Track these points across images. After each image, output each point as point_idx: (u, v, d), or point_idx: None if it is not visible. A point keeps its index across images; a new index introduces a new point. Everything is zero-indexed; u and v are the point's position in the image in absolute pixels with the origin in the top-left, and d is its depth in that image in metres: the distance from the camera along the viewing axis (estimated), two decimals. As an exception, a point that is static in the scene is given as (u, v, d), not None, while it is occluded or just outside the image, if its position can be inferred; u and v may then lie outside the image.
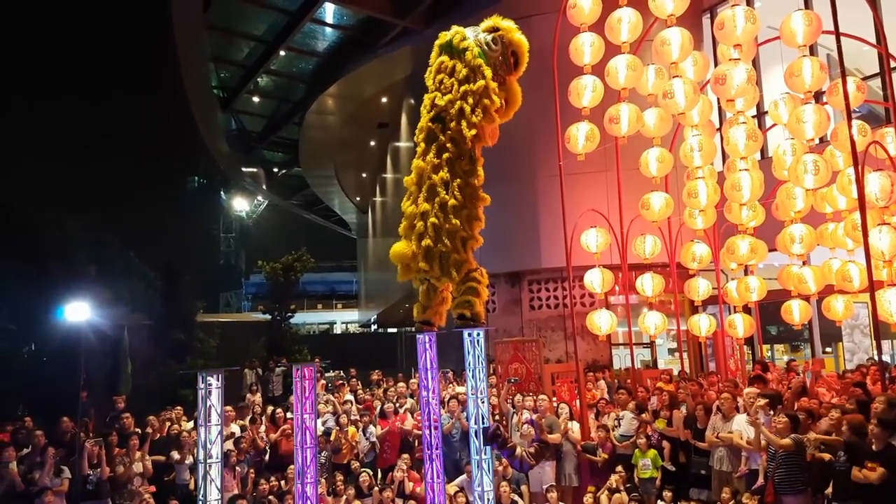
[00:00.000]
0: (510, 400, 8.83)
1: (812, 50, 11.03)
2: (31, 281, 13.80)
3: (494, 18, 5.45)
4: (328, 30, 18.58)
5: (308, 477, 5.22)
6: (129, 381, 14.54)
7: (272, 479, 8.14)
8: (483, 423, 5.36)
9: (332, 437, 8.89)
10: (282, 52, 18.99)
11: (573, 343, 10.11)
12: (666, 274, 10.65)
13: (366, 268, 33.33)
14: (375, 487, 7.82)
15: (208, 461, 4.99)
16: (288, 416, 9.17)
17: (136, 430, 8.33)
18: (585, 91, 8.61)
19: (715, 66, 9.94)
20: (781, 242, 8.95)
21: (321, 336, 35.70)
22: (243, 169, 30.05)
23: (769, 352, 14.19)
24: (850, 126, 6.77)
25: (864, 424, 5.39)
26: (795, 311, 9.25)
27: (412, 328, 5.87)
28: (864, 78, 11.08)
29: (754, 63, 12.80)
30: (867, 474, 5.09)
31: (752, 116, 10.81)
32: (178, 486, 8.09)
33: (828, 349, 12.81)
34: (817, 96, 9.86)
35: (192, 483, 7.91)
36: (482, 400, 5.40)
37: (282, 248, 21.44)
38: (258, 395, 11.80)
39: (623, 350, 13.70)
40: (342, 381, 11.84)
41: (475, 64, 5.21)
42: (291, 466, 7.23)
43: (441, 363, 8.04)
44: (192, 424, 8.77)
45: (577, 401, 8.99)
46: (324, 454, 8.44)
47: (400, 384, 10.98)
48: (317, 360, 15.27)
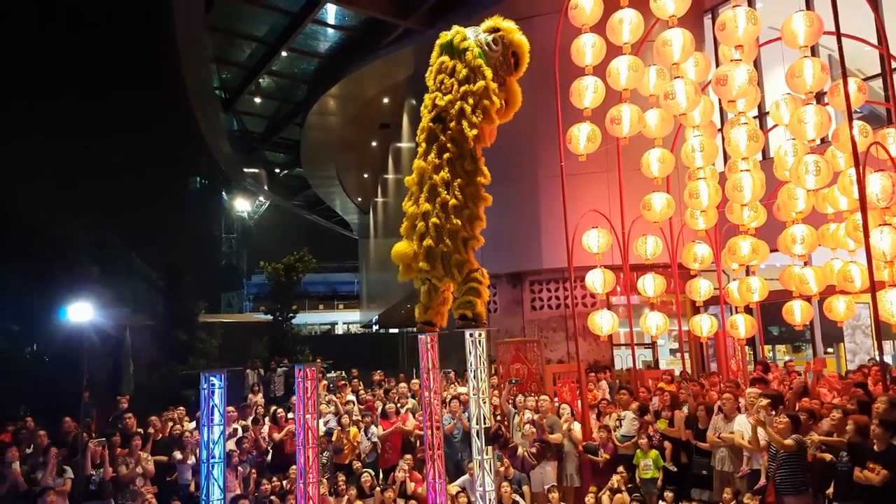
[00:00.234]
0: (512, 400, 8.83)
1: (813, 51, 11.01)
2: (33, 281, 13.83)
3: (495, 19, 5.46)
4: (330, 31, 18.59)
5: (310, 477, 5.24)
6: (131, 381, 14.56)
7: (274, 479, 8.16)
8: (484, 423, 5.38)
9: (333, 438, 8.91)
10: (283, 53, 19.02)
11: (574, 343, 10.12)
12: (667, 274, 10.65)
13: (367, 268, 33.35)
14: (377, 488, 7.83)
15: (211, 461, 5.00)
16: (289, 416, 9.19)
17: (139, 430, 8.35)
18: (587, 92, 8.61)
19: (716, 66, 9.95)
20: (783, 243, 8.95)
21: (323, 336, 35.74)
22: (245, 169, 30.09)
23: (771, 352, 14.18)
24: (852, 127, 6.77)
25: (868, 425, 5.39)
26: (797, 312, 9.24)
27: (414, 329, 5.90)
28: (866, 79, 11.07)
29: (756, 64, 12.82)
30: (869, 476, 5.09)
31: (754, 117, 10.81)
32: (180, 486, 8.11)
33: (829, 350, 12.81)
34: (819, 97, 9.87)
35: (193, 483, 7.93)
36: (483, 400, 5.41)
37: (283, 249, 21.47)
38: (260, 395, 11.83)
39: (625, 350, 13.69)
40: (344, 381, 11.87)
41: (475, 64, 5.23)
42: (293, 466, 7.25)
43: (443, 363, 8.06)
44: (195, 425, 8.79)
45: (579, 401, 8.99)
46: (325, 454, 8.46)
47: (402, 384, 10.99)
48: (318, 360, 15.29)
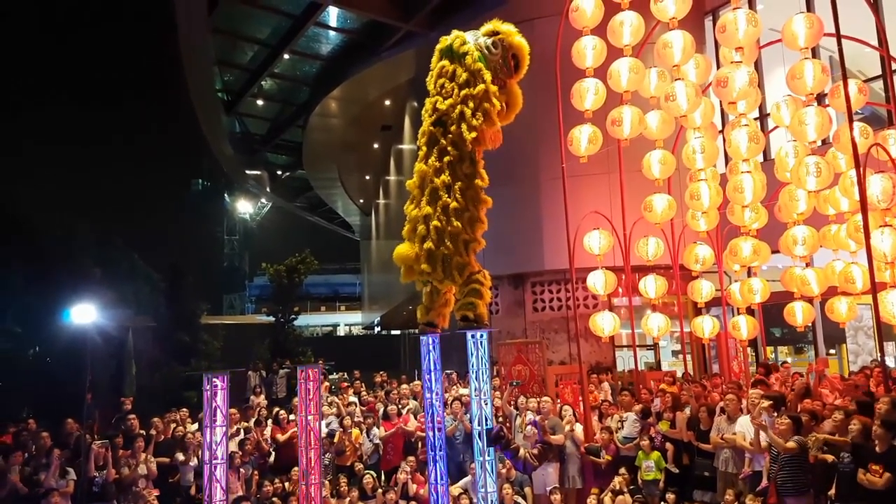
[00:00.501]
0: (513, 402, 8.84)
1: (814, 52, 11.01)
2: (36, 283, 13.88)
3: (494, 22, 5.48)
4: (332, 33, 18.64)
5: (312, 478, 5.25)
6: (133, 382, 14.61)
7: (276, 480, 8.17)
8: (486, 424, 5.39)
9: (335, 439, 8.93)
10: (286, 56, 19.06)
11: (576, 345, 10.11)
12: (669, 276, 10.65)
13: (369, 270, 33.38)
14: (379, 489, 7.85)
15: (213, 462, 5.02)
16: (291, 417, 9.21)
17: (141, 431, 8.37)
18: (588, 94, 8.62)
19: (717, 68, 9.95)
20: (784, 244, 8.95)
21: (325, 338, 35.81)
22: (247, 171, 30.14)
23: (773, 354, 14.16)
24: (852, 128, 6.78)
25: (871, 426, 5.39)
26: (798, 313, 9.24)
27: (416, 330, 5.93)
28: (867, 80, 11.08)
29: (756, 65, 12.81)
30: (873, 480, 5.09)
31: (755, 118, 10.80)
32: (182, 487, 8.12)
33: (832, 351, 12.79)
34: (819, 98, 9.87)
35: (195, 485, 7.94)
36: (485, 401, 5.42)
37: (285, 251, 21.51)
38: (262, 396, 11.85)
39: (627, 352, 13.69)
40: (346, 382, 11.89)
41: (475, 68, 5.25)
42: (296, 468, 7.27)
43: (444, 365, 8.06)
44: (197, 426, 8.80)
45: (581, 403, 8.99)
46: (327, 456, 8.47)
47: (403, 386, 11.01)
48: (320, 361, 15.31)
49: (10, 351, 14.14)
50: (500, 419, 8.51)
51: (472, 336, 5.44)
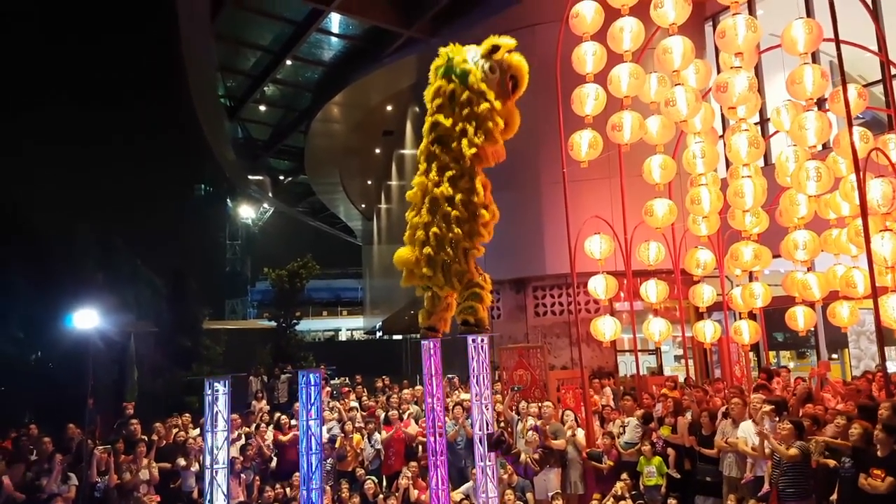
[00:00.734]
0: (515, 407, 8.84)
1: (814, 57, 11.04)
2: (38, 288, 13.93)
3: (492, 39, 5.44)
4: (334, 39, 18.74)
5: (313, 483, 5.25)
6: (135, 387, 14.64)
7: (277, 486, 8.17)
8: (487, 429, 5.39)
9: (337, 445, 8.92)
10: (288, 62, 19.15)
11: (578, 350, 10.10)
12: (670, 280, 10.65)
13: (371, 274, 33.41)
14: (380, 495, 7.84)
15: (215, 467, 5.03)
16: (293, 422, 9.22)
17: (143, 437, 8.38)
18: (588, 99, 8.66)
19: (718, 73, 9.98)
20: (785, 249, 8.95)
21: (326, 343, 35.77)
22: (249, 177, 30.24)
23: (775, 358, 14.13)
24: (851, 133, 6.78)
25: (873, 431, 5.39)
26: (800, 318, 9.23)
27: (417, 335, 5.98)
28: (866, 84, 11.09)
29: (757, 70, 12.84)
30: (875, 484, 5.08)
31: (755, 123, 10.83)
32: (183, 493, 8.13)
33: (834, 356, 12.75)
34: (820, 103, 9.88)
35: (197, 490, 7.95)
36: (486, 406, 5.43)
37: (287, 256, 21.53)
38: (264, 401, 11.86)
39: (629, 357, 13.67)
40: (348, 387, 11.88)
41: (478, 88, 5.24)
42: (297, 474, 7.27)
43: (446, 369, 8.05)
44: (199, 431, 8.81)
45: (583, 408, 8.98)
46: (328, 461, 8.47)
47: (405, 390, 11.01)
48: (322, 366, 15.33)
49: (13, 356, 14.18)
50: (502, 424, 8.51)
51: (473, 340, 5.45)
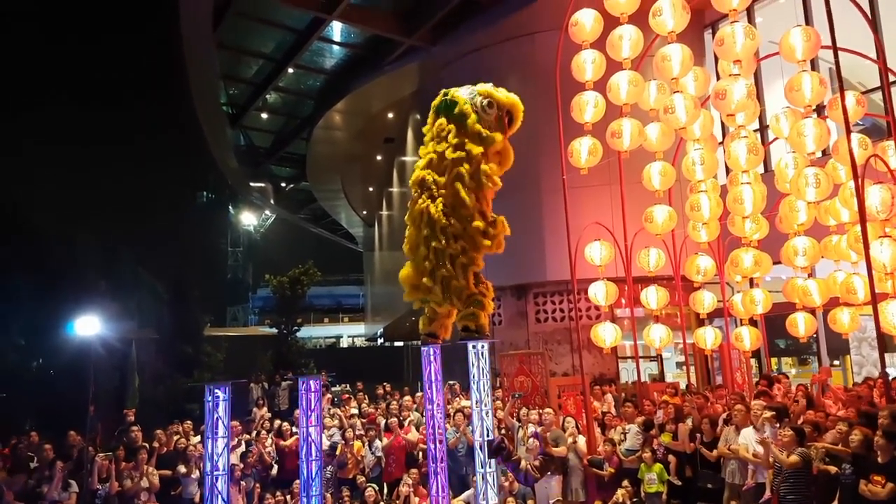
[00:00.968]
0: (516, 414, 8.83)
1: (813, 64, 11.09)
2: (40, 295, 13.98)
3: (486, 89, 5.68)
4: (336, 48, 18.85)
5: (313, 490, 5.26)
6: (136, 394, 14.64)
7: (278, 493, 8.16)
8: (487, 435, 5.40)
9: (337, 452, 8.92)
10: (290, 70, 19.25)
11: (579, 356, 10.10)
12: (671, 287, 10.65)
13: (372, 281, 33.41)
14: (381, 502, 7.83)
15: (215, 474, 5.03)
16: (294, 430, 9.21)
17: (144, 444, 8.39)
18: (587, 107, 8.69)
19: (717, 80, 10.02)
20: (785, 255, 8.95)
21: (328, 350, 35.79)
22: (251, 183, 30.33)
23: (777, 365, 14.09)
24: (850, 140, 6.81)
25: (873, 437, 5.38)
26: (801, 324, 9.22)
27: (418, 341, 6.03)
28: (866, 91, 11.12)
29: (756, 77, 12.89)
30: (875, 491, 5.07)
31: (755, 130, 10.86)
32: (184, 500, 8.12)
33: (836, 362, 12.72)
34: (819, 110, 9.91)
35: (197, 497, 7.94)
36: (487, 413, 5.44)
37: (289, 262, 21.60)
38: (264, 409, 11.85)
39: (631, 363, 13.65)
40: (348, 394, 11.87)
41: (474, 130, 5.42)
42: (297, 481, 7.26)
43: (447, 376, 8.05)
44: (199, 438, 8.82)
45: (584, 414, 8.97)
46: (329, 469, 8.46)
47: (406, 397, 11.00)
48: (323, 373, 15.32)
49: (15, 363, 14.22)
50: (503, 431, 8.50)
51: (474, 347, 5.48)
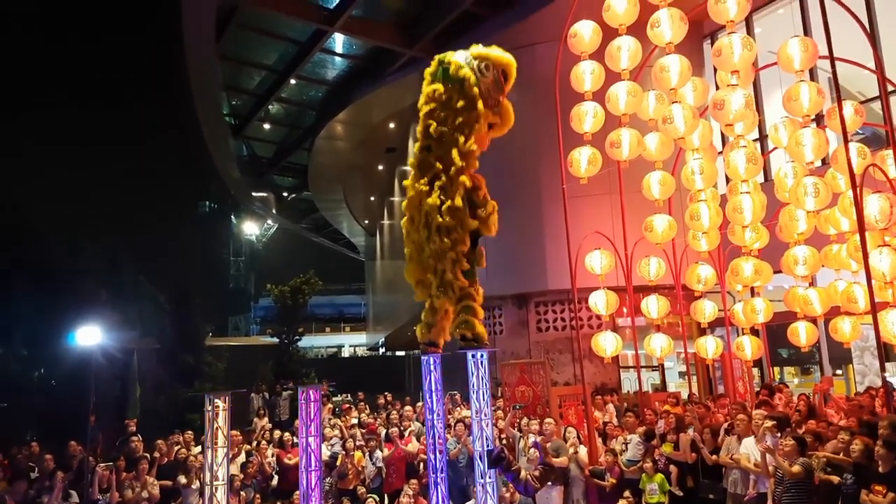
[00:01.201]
0: (517, 424, 8.80)
1: (812, 73, 11.14)
2: (41, 305, 14.02)
3: (480, 49, 5.68)
4: (337, 59, 18.99)
5: (313, 501, 5.25)
6: (137, 404, 14.63)
7: (278, 503, 8.14)
8: (487, 445, 5.39)
9: (338, 462, 8.89)
10: (292, 81, 19.38)
11: (580, 365, 10.08)
12: (672, 296, 10.64)
13: (374, 290, 33.41)
14: (381, 512, 7.79)
15: (214, 483, 5.03)
16: (295, 440, 9.19)
17: (145, 454, 8.38)
18: (587, 117, 8.74)
19: (716, 90, 10.07)
20: (786, 264, 8.95)
21: (329, 359, 35.71)
22: (253, 193, 30.43)
23: (780, 374, 14.04)
24: (848, 150, 6.83)
25: (874, 447, 5.36)
26: (802, 333, 9.20)
27: (420, 351, 6.06)
28: (864, 101, 11.16)
29: (755, 86, 12.95)
30: (876, 500, 5.04)
31: (754, 140, 10.89)
32: (184, 510, 8.09)
33: (838, 371, 12.66)
34: (818, 119, 9.95)
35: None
36: (486, 422, 5.43)
37: (291, 272, 21.60)
38: (265, 419, 11.83)
39: (633, 373, 13.62)
40: (349, 404, 11.85)
41: (472, 94, 5.45)
42: (297, 492, 7.24)
43: (449, 385, 8.02)
44: (200, 448, 8.80)
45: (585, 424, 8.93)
46: (328, 480, 8.43)
47: (406, 407, 10.98)
48: (324, 383, 15.30)
49: (16, 373, 14.23)
50: (504, 442, 8.47)
51: (473, 356, 5.48)
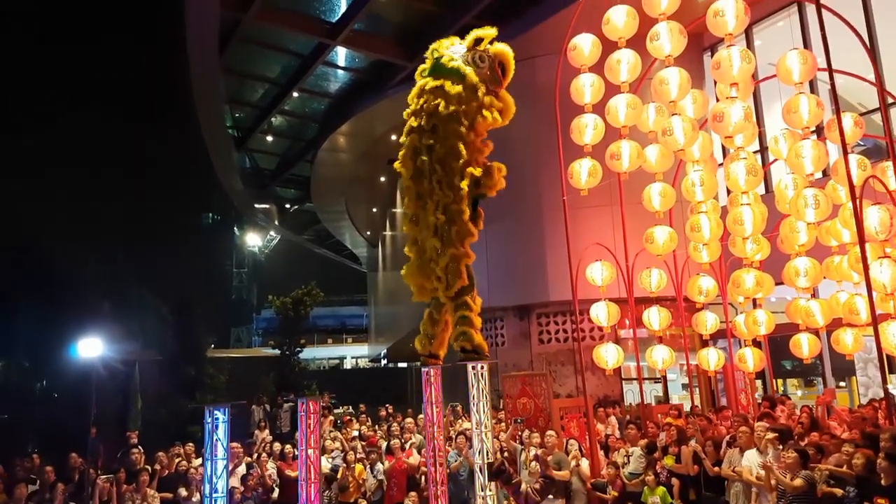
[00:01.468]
0: (518, 437, 8.75)
1: (812, 85, 11.20)
2: (44, 316, 14.06)
3: (474, 32, 5.62)
4: (340, 72, 19.16)
5: (313, 513, 5.23)
6: (138, 416, 14.59)
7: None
8: (488, 458, 5.38)
9: (339, 475, 8.85)
10: (295, 94, 19.55)
11: (581, 378, 10.04)
12: (673, 307, 10.62)
13: (376, 302, 33.41)
14: (382, 525, 7.74)
15: (214, 496, 5.02)
16: (297, 453, 9.15)
17: (146, 466, 8.36)
18: (587, 129, 8.80)
19: (716, 101, 10.12)
20: (787, 276, 8.95)
21: (331, 371, 35.62)
22: (256, 205, 30.57)
23: (783, 387, 13.95)
24: (847, 162, 6.85)
25: (876, 459, 5.33)
26: (804, 345, 9.18)
27: (421, 362, 6.08)
28: (864, 113, 11.19)
29: (756, 98, 13.01)
30: (879, 512, 5.02)
31: (755, 151, 10.92)
32: (184, 523, 8.05)
33: (842, 383, 12.59)
34: (818, 130, 9.98)
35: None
36: (486, 434, 5.42)
37: (294, 283, 21.62)
38: (266, 431, 11.79)
39: (636, 385, 13.56)
40: (350, 417, 11.80)
41: (470, 82, 5.44)
42: None
43: (451, 397, 8.00)
44: (201, 461, 8.78)
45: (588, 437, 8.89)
46: (326, 494, 8.37)
47: (408, 419, 10.93)
48: (325, 395, 15.26)
49: (18, 384, 14.24)
50: (506, 455, 8.42)
51: (473, 367, 5.48)
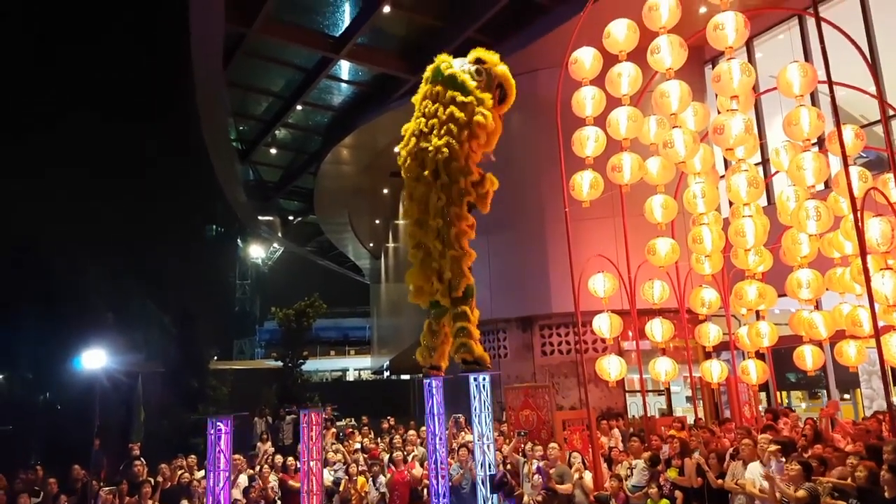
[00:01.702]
0: (521, 450, 8.72)
1: (814, 97, 11.27)
2: (47, 328, 14.11)
3: (478, 50, 5.75)
4: (343, 85, 19.34)
5: (315, 525, 5.22)
6: (141, 428, 14.58)
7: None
8: (490, 469, 5.37)
9: (341, 487, 8.83)
10: (299, 107, 19.71)
11: (584, 390, 10.01)
12: (676, 319, 10.61)
13: (379, 313, 33.40)
14: (384, 538, 7.71)
15: (216, 508, 5.02)
16: (299, 465, 9.13)
17: (149, 478, 8.36)
18: (588, 141, 8.85)
19: (718, 114, 10.18)
20: (790, 288, 8.94)
21: (333, 383, 35.55)
22: (260, 217, 30.70)
23: (787, 399, 13.88)
24: (848, 174, 6.87)
25: (879, 471, 5.31)
26: (808, 357, 9.14)
27: (423, 374, 6.15)
28: (865, 125, 11.25)
29: (757, 110, 13.08)
30: (882, 525, 4.98)
31: (756, 163, 10.95)
32: (186, 535, 8.04)
33: (846, 396, 12.52)
34: (820, 142, 10.03)
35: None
36: (488, 446, 5.41)
37: (297, 295, 21.68)
38: (268, 443, 11.77)
39: (639, 397, 13.51)
40: (352, 429, 11.77)
41: (468, 89, 5.57)
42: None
43: (453, 408, 7.99)
44: (204, 473, 8.77)
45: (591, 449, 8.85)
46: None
47: (410, 432, 10.90)
48: (328, 407, 15.23)
49: (21, 396, 14.26)
50: (508, 467, 8.39)
51: (475, 379, 5.49)
